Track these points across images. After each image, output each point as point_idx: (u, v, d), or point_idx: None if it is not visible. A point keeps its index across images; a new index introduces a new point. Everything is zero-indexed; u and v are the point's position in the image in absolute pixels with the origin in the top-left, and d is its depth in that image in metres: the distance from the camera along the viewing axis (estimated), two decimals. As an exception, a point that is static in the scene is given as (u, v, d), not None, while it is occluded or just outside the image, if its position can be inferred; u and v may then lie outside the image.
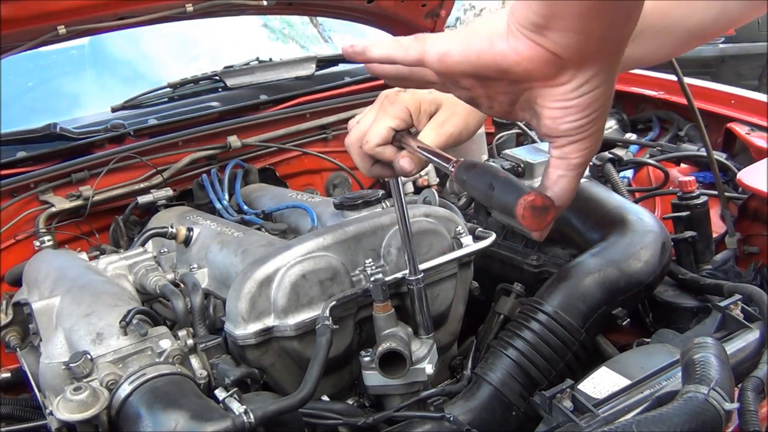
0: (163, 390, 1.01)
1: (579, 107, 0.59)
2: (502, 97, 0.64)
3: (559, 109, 0.60)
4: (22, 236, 1.81)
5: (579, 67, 0.57)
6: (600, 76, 0.58)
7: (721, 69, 6.09)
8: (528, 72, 0.58)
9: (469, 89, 0.65)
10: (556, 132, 0.62)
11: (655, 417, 0.87)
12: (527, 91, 0.61)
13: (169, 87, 2.41)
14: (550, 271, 1.54)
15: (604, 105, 0.61)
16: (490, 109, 0.68)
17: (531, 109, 0.64)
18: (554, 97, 0.59)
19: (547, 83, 0.59)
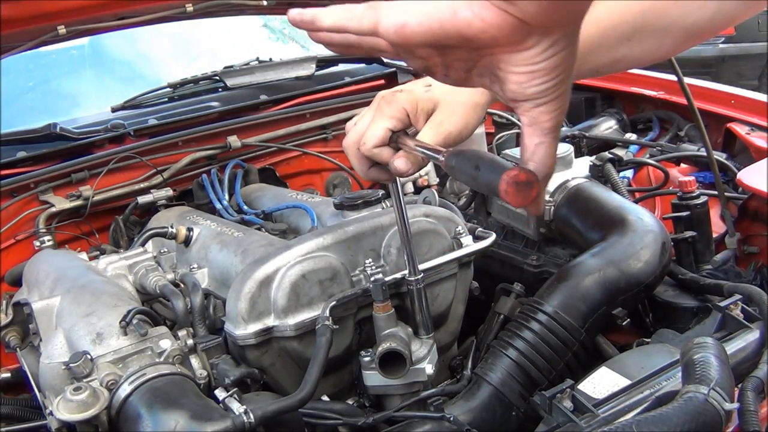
0: (163, 390, 1.01)
1: (545, 70, 0.58)
2: (459, 64, 0.63)
3: (525, 74, 0.59)
4: (22, 236, 1.81)
5: (545, 32, 0.56)
6: (564, 38, 0.57)
7: (721, 69, 6.08)
8: (494, 39, 0.56)
9: (425, 58, 0.63)
10: (522, 96, 0.61)
11: (655, 417, 0.87)
12: (487, 57, 0.60)
13: (169, 87, 2.41)
14: (550, 271, 1.54)
15: (569, 66, 0.60)
16: (445, 77, 0.66)
17: (491, 75, 0.62)
18: (519, 61, 0.58)
19: (512, 49, 0.57)
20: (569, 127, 2.33)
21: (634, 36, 0.94)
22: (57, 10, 1.86)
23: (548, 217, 1.55)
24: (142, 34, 2.76)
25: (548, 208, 1.55)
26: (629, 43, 0.94)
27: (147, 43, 2.87)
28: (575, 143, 2.07)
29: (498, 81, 0.62)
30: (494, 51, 0.58)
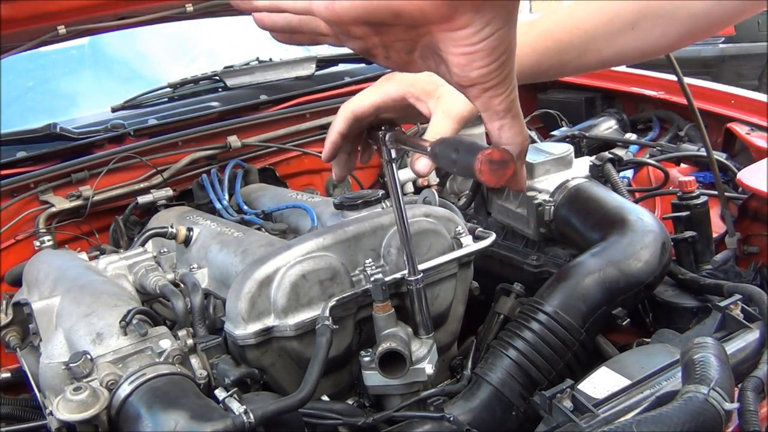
0: (162, 390, 1.01)
1: (484, 52, 0.58)
2: (399, 45, 0.62)
3: (465, 55, 0.59)
4: (22, 236, 1.81)
5: (476, 9, 0.56)
6: (499, 18, 0.57)
7: (721, 69, 6.09)
8: (422, 12, 0.56)
9: (362, 39, 0.62)
10: (467, 80, 0.61)
11: (655, 417, 0.87)
12: (426, 37, 0.60)
13: (169, 87, 2.41)
14: (550, 271, 1.54)
15: (509, 49, 0.60)
16: (387, 59, 0.65)
17: (435, 57, 0.62)
18: (456, 42, 0.58)
19: (445, 26, 0.57)
20: (569, 127, 2.33)
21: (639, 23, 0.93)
22: (57, 10, 1.86)
23: (548, 217, 1.55)
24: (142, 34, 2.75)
25: (548, 208, 1.55)
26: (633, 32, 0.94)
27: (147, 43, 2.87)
28: (575, 143, 2.07)
29: (443, 63, 0.62)
30: (431, 29, 0.58)
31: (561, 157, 1.64)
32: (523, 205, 1.63)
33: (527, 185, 1.61)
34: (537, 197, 1.57)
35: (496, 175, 0.67)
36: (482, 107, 0.64)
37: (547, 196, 1.56)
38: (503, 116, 0.65)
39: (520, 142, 0.67)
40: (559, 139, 2.13)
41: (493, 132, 0.67)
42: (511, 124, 0.66)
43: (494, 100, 0.63)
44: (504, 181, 0.68)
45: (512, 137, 0.67)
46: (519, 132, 0.67)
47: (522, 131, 0.67)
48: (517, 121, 0.66)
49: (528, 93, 2.64)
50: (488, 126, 0.66)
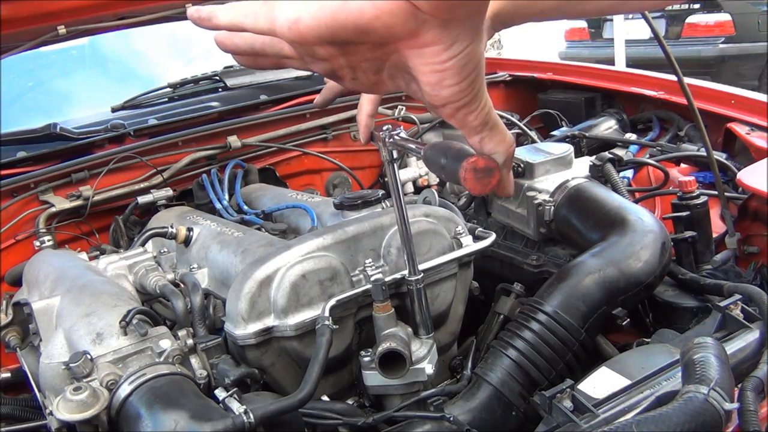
0: (162, 390, 1.01)
1: (454, 70, 0.58)
2: (366, 65, 0.61)
3: (435, 74, 0.58)
4: (22, 236, 1.81)
5: (443, 26, 0.55)
6: (466, 35, 0.57)
7: (721, 69, 6.09)
8: (388, 27, 0.55)
9: (328, 60, 0.61)
10: (439, 99, 0.61)
11: (655, 417, 0.87)
12: (393, 56, 0.59)
13: (169, 87, 2.41)
14: (550, 271, 1.54)
15: (478, 65, 0.60)
16: (354, 81, 0.64)
17: (404, 75, 0.62)
18: (425, 59, 0.58)
19: (412, 43, 0.57)
20: (569, 127, 2.33)
21: None
22: (57, 10, 1.86)
23: (548, 217, 1.55)
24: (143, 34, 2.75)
25: (548, 208, 1.55)
26: None
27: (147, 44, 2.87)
28: (575, 143, 2.07)
29: (414, 82, 0.61)
30: (398, 47, 0.58)
31: (561, 157, 1.64)
32: (523, 205, 1.63)
33: (527, 185, 1.61)
34: (537, 197, 1.57)
35: (481, 183, 0.68)
36: (458, 124, 0.64)
37: (547, 196, 1.56)
38: (480, 130, 0.65)
39: (504, 150, 0.67)
40: (559, 139, 2.13)
41: (475, 145, 0.67)
42: (491, 135, 0.66)
43: (469, 117, 0.63)
44: (489, 189, 0.69)
45: (494, 147, 0.67)
46: (501, 141, 0.67)
47: (504, 139, 0.67)
48: (496, 131, 0.66)
49: (528, 93, 2.64)
50: (469, 140, 0.67)
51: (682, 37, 6.34)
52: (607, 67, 2.73)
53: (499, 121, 0.66)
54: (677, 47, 6.13)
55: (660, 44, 1.52)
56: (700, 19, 6.29)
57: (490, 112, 0.64)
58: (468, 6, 0.55)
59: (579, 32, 7.41)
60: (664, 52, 1.52)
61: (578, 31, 7.42)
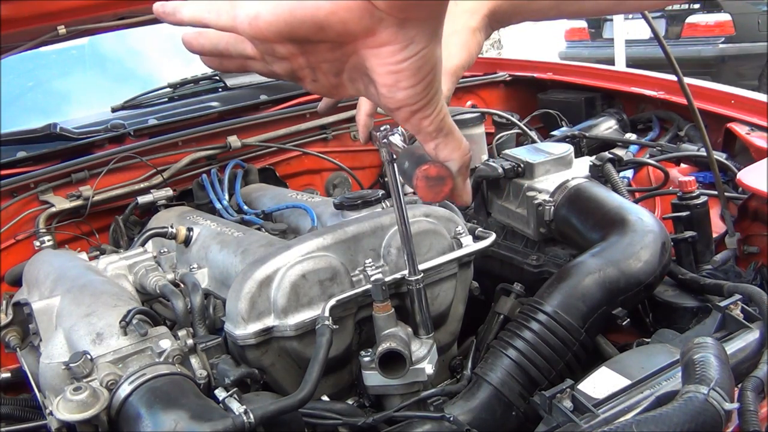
0: (162, 390, 1.01)
1: (410, 71, 0.58)
2: (326, 67, 0.61)
3: (391, 74, 0.59)
4: (22, 236, 1.81)
5: (400, 25, 0.56)
6: (423, 36, 0.57)
7: (721, 69, 6.09)
8: (344, 24, 0.55)
9: (288, 59, 0.61)
10: (394, 102, 0.61)
11: (655, 417, 0.87)
12: (353, 57, 0.60)
13: (169, 87, 2.41)
14: (550, 271, 1.54)
15: (434, 69, 0.60)
16: (314, 83, 0.64)
17: (363, 78, 0.62)
18: (382, 59, 0.58)
19: (369, 42, 0.57)
20: (569, 127, 2.33)
21: None
22: (57, 10, 1.86)
23: (548, 217, 1.55)
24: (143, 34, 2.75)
25: (548, 208, 1.55)
26: None
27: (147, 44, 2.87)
28: (575, 143, 2.07)
29: (372, 84, 0.61)
30: (356, 47, 0.58)
31: (561, 157, 1.64)
32: (523, 205, 1.63)
33: (527, 185, 1.61)
34: (537, 197, 1.57)
35: (433, 191, 0.67)
36: (413, 130, 0.64)
37: (547, 196, 1.56)
38: (436, 136, 0.65)
39: (459, 157, 0.67)
40: (559, 139, 2.13)
41: (430, 152, 0.67)
42: (446, 142, 0.66)
43: (424, 121, 0.63)
44: (441, 197, 0.69)
45: (449, 154, 0.67)
46: (456, 148, 0.67)
47: (459, 146, 0.67)
48: (451, 137, 0.66)
49: (528, 93, 2.65)
50: (424, 146, 0.66)
51: (682, 37, 6.35)
52: (607, 67, 2.73)
53: (455, 128, 0.66)
54: (677, 47, 6.13)
55: (660, 44, 1.52)
56: (700, 19, 6.29)
57: (446, 118, 0.64)
58: (425, 7, 0.56)
59: (579, 32, 7.41)
60: (664, 52, 1.52)
61: (578, 31, 7.42)
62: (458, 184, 0.69)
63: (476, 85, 2.62)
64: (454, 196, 0.71)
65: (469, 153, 0.68)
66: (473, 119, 2.07)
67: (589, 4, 0.97)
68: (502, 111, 2.34)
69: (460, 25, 0.93)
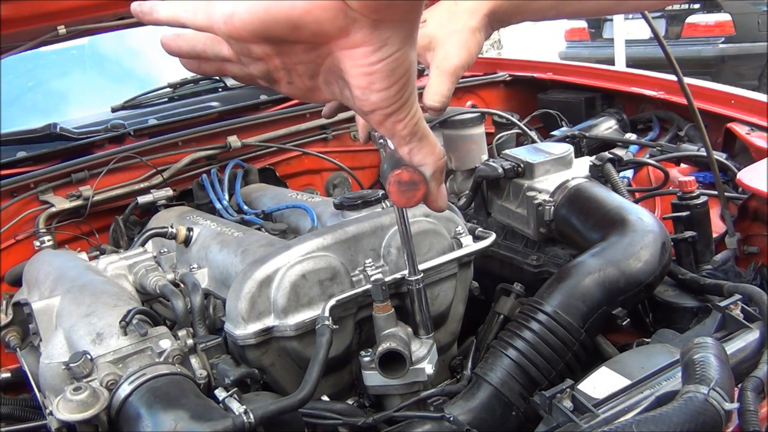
0: (162, 390, 1.01)
1: (383, 73, 0.58)
2: (301, 69, 0.62)
3: (365, 76, 0.59)
4: (22, 236, 1.81)
5: (373, 27, 0.56)
6: (396, 38, 0.57)
7: (721, 69, 6.09)
8: (318, 23, 0.56)
9: (264, 60, 0.61)
10: (368, 105, 0.61)
11: (655, 417, 0.87)
12: (328, 59, 0.60)
13: (169, 87, 2.41)
14: (550, 271, 1.54)
15: (408, 72, 0.60)
16: (290, 85, 0.64)
17: (339, 81, 0.62)
18: (355, 61, 0.58)
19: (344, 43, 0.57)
20: (569, 127, 2.33)
21: None
22: (57, 10, 1.86)
23: (548, 217, 1.55)
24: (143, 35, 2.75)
25: (548, 208, 1.55)
26: None
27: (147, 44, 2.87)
28: (575, 143, 2.07)
29: (347, 87, 0.61)
30: (331, 49, 0.58)
31: (561, 157, 1.64)
32: (523, 205, 1.63)
33: (527, 185, 1.61)
34: (537, 197, 1.57)
35: (405, 196, 0.67)
36: (387, 133, 0.64)
37: (547, 196, 1.56)
38: (410, 140, 0.65)
39: (433, 162, 0.67)
40: (559, 139, 2.13)
41: (404, 156, 0.67)
42: (419, 146, 0.66)
43: (398, 125, 0.63)
44: (414, 202, 0.68)
45: (423, 158, 0.67)
46: (429, 152, 0.67)
47: (433, 151, 0.67)
48: (425, 141, 0.66)
49: (528, 93, 2.65)
50: (399, 150, 0.67)
51: (682, 37, 6.35)
52: (607, 67, 2.73)
53: (429, 133, 0.66)
54: (677, 47, 6.13)
55: (660, 44, 1.52)
56: (700, 19, 6.29)
57: (420, 122, 0.64)
58: (398, 8, 0.56)
59: (579, 32, 7.41)
60: (664, 52, 1.52)
61: (578, 31, 7.42)
62: (432, 189, 0.70)
63: (476, 85, 2.62)
64: (429, 202, 0.71)
65: (444, 158, 0.69)
66: (473, 119, 2.07)
67: (590, 4, 0.97)
68: (502, 111, 2.34)
69: (460, 24, 0.93)
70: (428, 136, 0.66)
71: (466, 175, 2.09)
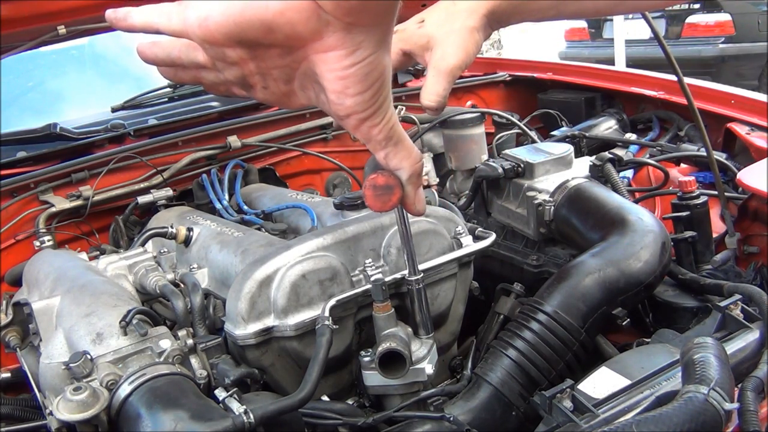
0: (162, 390, 1.01)
1: (357, 77, 0.58)
2: (277, 73, 0.62)
3: (339, 80, 0.59)
4: (22, 236, 1.81)
5: (347, 30, 0.56)
6: (370, 42, 0.57)
7: (721, 69, 6.09)
8: (292, 25, 0.56)
9: (239, 64, 0.61)
10: (343, 109, 0.61)
11: (655, 417, 0.87)
12: (303, 63, 0.60)
13: (169, 87, 2.41)
14: (550, 271, 1.54)
15: (383, 76, 0.60)
16: (265, 90, 0.64)
17: (314, 86, 0.62)
18: (329, 65, 0.58)
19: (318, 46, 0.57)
20: (569, 127, 2.33)
21: None
22: (57, 10, 1.86)
23: (548, 217, 1.55)
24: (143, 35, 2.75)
25: (548, 208, 1.55)
26: None
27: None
28: (575, 143, 2.07)
29: (323, 92, 0.61)
30: (306, 53, 0.58)
31: (561, 157, 1.64)
32: (523, 205, 1.63)
33: (527, 185, 1.61)
34: (537, 197, 1.57)
35: (380, 200, 0.67)
36: (363, 138, 0.64)
37: (547, 196, 1.56)
38: (385, 145, 0.65)
39: (409, 166, 0.67)
40: (559, 139, 2.13)
41: (381, 161, 0.67)
42: (395, 151, 0.66)
43: (373, 130, 0.63)
44: (389, 207, 0.68)
45: (398, 163, 0.67)
46: (405, 156, 0.67)
47: (409, 155, 0.67)
48: (401, 146, 0.66)
49: (528, 93, 2.65)
50: (375, 155, 0.67)
51: (682, 37, 6.35)
52: (607, 67, 2.73)
53: (405, 137, 0.66)
54: (677, 47, 6.13)
55: (660, 44, 1.52)
56: (700, 19, 6.29)
57: (395, 126, 0.65)
58: (371, 12, 0.56)
59: (579, 32, 7.41)
60: (664, 52, 1.52)
61: (578, 31, 7.42)
62: (408, 193, 0.70)
63: (476, 85, 2.62)
64: (406, 206, 0.71)
65: (420, 162, 0.69)
66: (473, 119, 2.07)
67: (589, 4, 0.97)
68: (502, 111, 2.34)
69: (458, 24, 0.93)
70: (404, 140, 0.66)
71: (466, 175, 2.09)
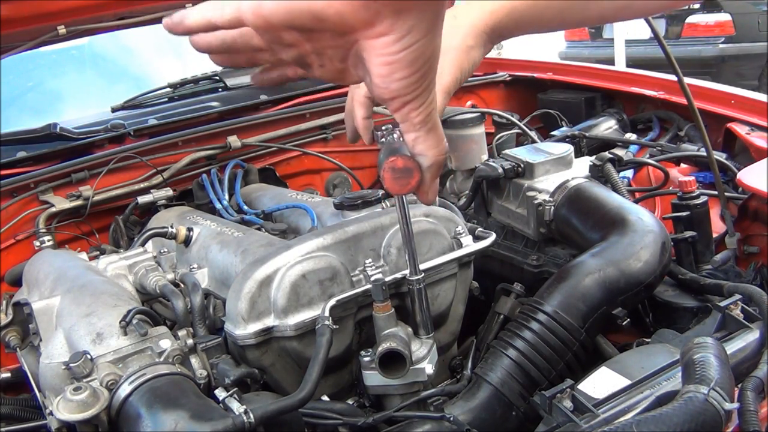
0: (162, 390, 1.01)
1: (404, 62, 0.59)
2: (331, 53, 0.62)
3: (385, 65, 0.59)
4: (22, 236, 1.81)
5: (396, 16, 0.56)
6: (420, 27, 0.57)
7: (721, 69, 6.09)
8: (341, 15, 0.56)
9: (295, 46, 0.62)
10: (388, 92, 0.62)
11: (655, 417, 0.87)
12: (355, 46, 0.60)
13: (169, 87, 2.41)
14: (550, 271, 1.54)
15: (430, 60, 0.60)
16: (321, 68, 0.65)
17: (363, 66, 0.62)
18: (377, 50, 0.58)
19: (368, 33, 0.58)
20: (569, 127, 2.33)
21: None
22: (57, 10, 1.86)
23: (548, 217, 1.55)
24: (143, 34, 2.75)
25: (548, 208, 1.55)
26: None
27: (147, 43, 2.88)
28: (575, 143, 2.07)
29: (368, 74, 0.62)
30: (357, 37, 0.59)
31: (561, 157, 1.64)
32: (523, 205, 1.63)
33: (527, 185, 1.61)
34: (537, 197, 1.57)
35: (399, 183, 0.68)
36: (400, 118, 0.65)
37: (547, 196, 1.56)
38: (419, 128, 0.65)
39: (434, 155, 0.68)
40: (559, 139, 2.13)
41: (409, 142, 0.68)
42: (426, 137, 0.66)
43: (413, 113, 0.63)
44: (408, 190, 0.69)
45: (426, 149, 0.67)
46: (434, 144, 0.67)
47: (438, 144, 0.67)
48: (433, 134, 0.66)
49: (528, 93, 2.64)
50: (405, 136, 0.67)
51: (682, 37, 6.35)
52: (607, 67, 2.73)
53: (439, 125, 0.67)
54: (677, 47, 6.13)
55: (660, 44, 1.52)
56: (700, 19, 6.29)
57: (433, 113, 0.65)
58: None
59: (579, 32, 7.41)
60: (664, 52, 1.52)
61: (578, 31, 7.42)
62: (426, 180, 0.70)
63: (476, 85, 2.62)
64: (420, 192, 0.72)
65: (445, 155, 0.69)
66: (473, 119, 2.07)
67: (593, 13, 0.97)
68: (502, 111, 2.34)
69: (456, 42, 0.94)
70: (437, 128, 0.67)
71: (466, 175, 2.09)
